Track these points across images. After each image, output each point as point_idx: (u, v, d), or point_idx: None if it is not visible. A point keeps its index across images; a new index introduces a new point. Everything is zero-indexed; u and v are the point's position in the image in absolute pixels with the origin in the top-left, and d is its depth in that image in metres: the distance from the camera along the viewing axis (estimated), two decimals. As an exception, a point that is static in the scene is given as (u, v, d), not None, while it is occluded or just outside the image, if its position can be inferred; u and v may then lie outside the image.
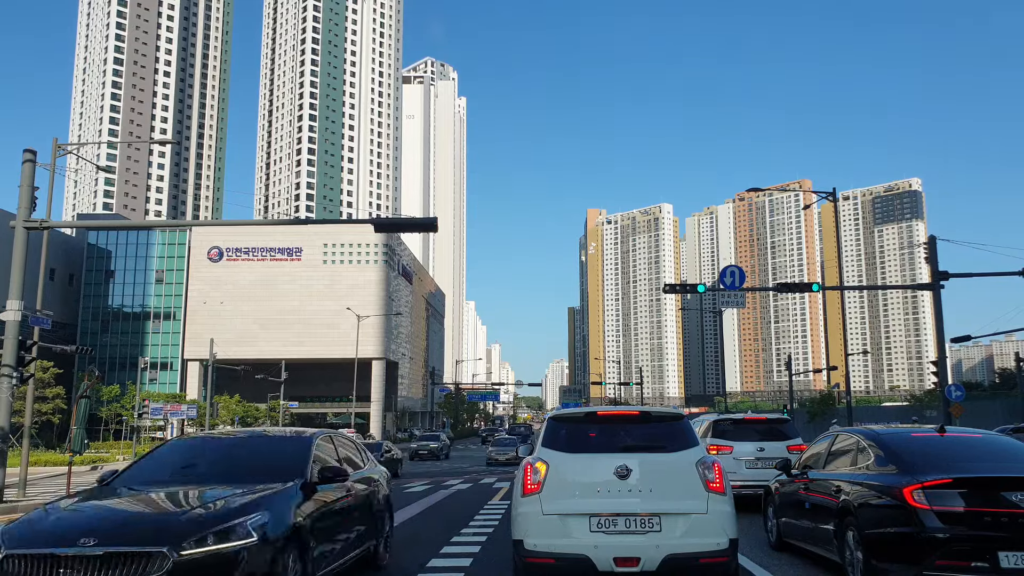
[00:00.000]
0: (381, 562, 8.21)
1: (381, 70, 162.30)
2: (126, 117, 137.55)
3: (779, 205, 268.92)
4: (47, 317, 20.84)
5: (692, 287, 27.05)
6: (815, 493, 7.93)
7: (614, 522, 6.06)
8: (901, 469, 6.50)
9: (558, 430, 6.75)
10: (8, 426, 17.14)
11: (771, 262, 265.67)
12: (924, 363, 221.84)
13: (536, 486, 6.30)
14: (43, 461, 34.23)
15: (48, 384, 49.86)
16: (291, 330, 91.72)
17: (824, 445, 8.46)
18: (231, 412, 69.64)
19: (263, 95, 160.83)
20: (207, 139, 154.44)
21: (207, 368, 67.67)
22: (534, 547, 6.14)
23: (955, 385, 28.18)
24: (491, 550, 9.40)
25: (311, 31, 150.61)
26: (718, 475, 6.29)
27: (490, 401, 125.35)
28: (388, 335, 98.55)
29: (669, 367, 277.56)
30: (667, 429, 6.70)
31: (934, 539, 5.86)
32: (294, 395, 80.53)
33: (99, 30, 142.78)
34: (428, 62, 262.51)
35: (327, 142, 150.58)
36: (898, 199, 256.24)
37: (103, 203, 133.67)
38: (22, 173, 18.12)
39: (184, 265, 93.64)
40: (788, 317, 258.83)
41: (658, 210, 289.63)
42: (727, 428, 13.34)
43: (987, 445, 7.05)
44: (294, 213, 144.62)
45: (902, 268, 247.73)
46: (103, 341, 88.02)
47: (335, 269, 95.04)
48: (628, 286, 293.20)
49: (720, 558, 6.07)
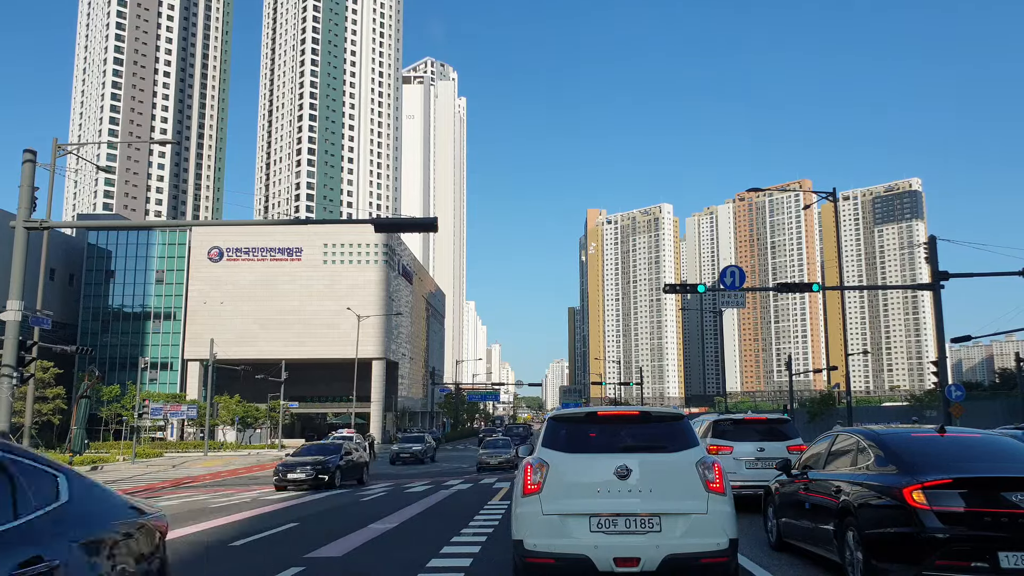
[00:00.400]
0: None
1: (381, 70, 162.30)
2: (126, 117, 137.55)
3: (779, 205, 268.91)
4: (47, 317, 20.85)
5: (692, 287, 27.05)
6: (815, 493, 7.93)
7: (614, 522, 6.06)
8: (901, 469, 6.50)
9: (558, 430, 6.76)
10: (8, 426, 17.14)
11: (771, 262, 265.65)
12: (924, 363, 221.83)
13: (536, 486, 6.31)
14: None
15: (48, 384, 49.80)
16: (291, 330, 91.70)
17: (824, 445, 8.46)
18: (231, 412, 69.59)
19: (263, 95, 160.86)
20: (207, 139, 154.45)
21: (207, 368, 67.66)
22: (534, 547, 6.14)
23: (955, 385, 28.17)
24: (491, 550, 9.40)
25: (311, 31, 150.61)
26: (718, 475, 6.30)
27: (490, 401, 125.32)
28: (388, 335, 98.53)
29: (669, 367, 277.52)
30: (667, 429, 6.71)
31: (934, 539, 5.86)
32: (294, 395, 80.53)
33: (99, 30, 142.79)
34: (428, 62, 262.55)
35: (327, 142, 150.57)
36: (898, 199, 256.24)
37: (103, 203, 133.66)
38: (22, 173, 18.12)
39: (184, 265, 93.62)
40: (788, 317, 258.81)
41: (658, 210, 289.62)
42: (727, 428, 13.34)
43: (987, 445, 7.05)
44: (294, 213, 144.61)
45: (902, 268, 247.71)
46: (103, 341, 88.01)
47: (335, 269, 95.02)
48: (628, 286, 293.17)
49: (720, 558, 6.08)
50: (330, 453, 24.12)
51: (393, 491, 20.79)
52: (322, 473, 22.72)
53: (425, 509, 15.23)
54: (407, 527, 12.25)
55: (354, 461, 25.07)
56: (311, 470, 22.66)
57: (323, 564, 8.84)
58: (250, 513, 15.19)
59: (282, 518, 14.01)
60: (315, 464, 22.96)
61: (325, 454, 23.95)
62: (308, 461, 23.21)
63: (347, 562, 9.03)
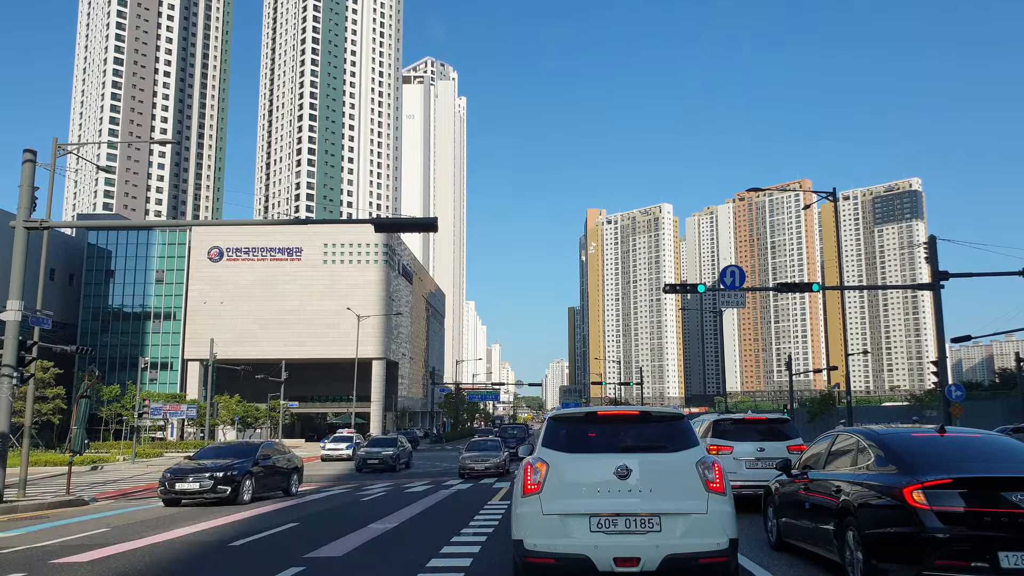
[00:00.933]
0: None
1: (381, 70, 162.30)
2: (126, 117, 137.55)
3: (779, 205, 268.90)
4: (47, 317, 20.84)
5: (692, 287, 27.02)
6: (815, 493, 7.92)
7: (614, 522, 6.06)
8: (901, 469, 6.50)
9: (558, 430, 6.76)
10: (8, 426, 17.14)
11: (771, 262, 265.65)
12: (924, 363, 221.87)
13: (536, 486, 6.31)
14: (43, 461, 34.25)
15: (48, 384, 49.84)
16: (291, 330, 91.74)
17: (824, 445, 8.46)
18: (231, 412, 69.61)
19: (263, 95, 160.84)
20: (207, 139, 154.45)
21: (207, 368, 67.66)
22: (534, 547, 6.14)
23: (955, 385, 28.15)
24: (491, 550, 9.40)
25: (311, 31, 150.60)
26: (718, 475, 6.30)
27: (490, 401, 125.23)
28: (388, 335, 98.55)
29: (669, 367, 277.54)
30: (667, 429, 6.71)
31: (934, 539, 5.85)
32: (294, 395, 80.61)
33: (99, 30, 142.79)
34: (428, 62, 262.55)
35: (327, 142, 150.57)
36: (898, 199, 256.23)
37: (103, 203, 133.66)
38: (22, 173, 18.12)
39: (184, 265, 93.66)
40: (788, 317, 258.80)
41: (658, 210, 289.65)
42: (727, 428, 13.34)
43: (987, 445, 7.05)
44: (294, 213, 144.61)
45: (902, 268, 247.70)
46: (103, 341, 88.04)
47: (335, 269, 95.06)
48: (628, 286, 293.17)
49: (720, 558, 6.08)
50: (240, 456, 18.69)
51: (393, 491, 20.81)
52: (223, 483, 17.24)
53: (425, 509, 15.24)
54: (407, 527, 12.26)
55: (276, 467, 19.63)
56: (209, 479, 17.20)
57: (323, 564, 8.84)
58: (250, 513, 15.20)
59: (282, 518, 14.02)
60: (216, 471, 17.48)
61: (232, 457, 18.62)
62: (207, 467, 17.73)
63: (347, 562, 9.03)
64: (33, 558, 9.66)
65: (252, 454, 18.82)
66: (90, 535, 11.92)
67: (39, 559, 9.56)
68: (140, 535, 11.78)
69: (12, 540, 11.57)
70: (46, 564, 9.16)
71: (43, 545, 10.88)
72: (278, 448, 20.89)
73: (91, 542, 11.02)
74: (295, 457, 21.51)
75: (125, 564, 9.12)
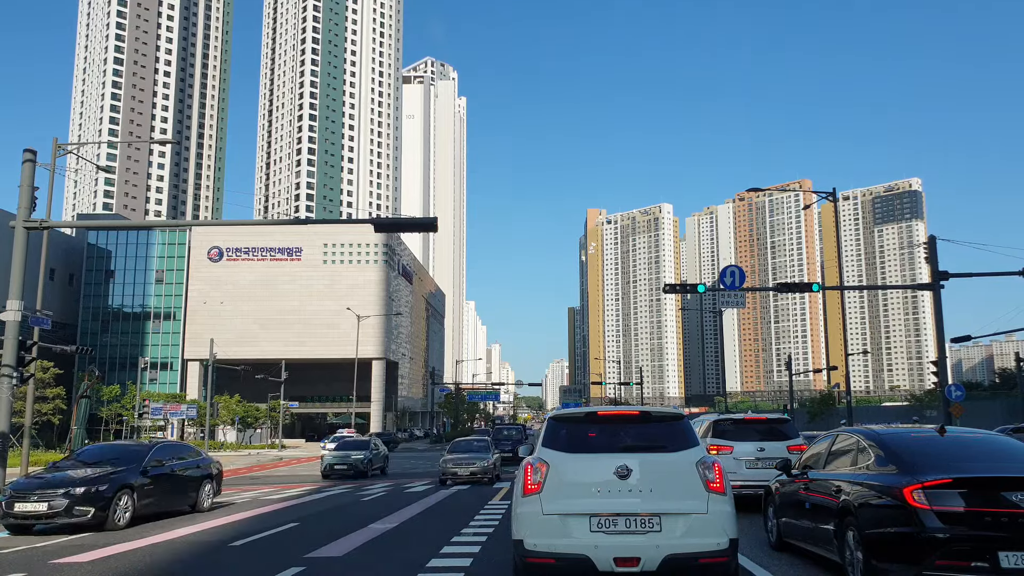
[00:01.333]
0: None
1: (381, 70, 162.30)
2: (126, 117, 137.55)
3: (779, 205, 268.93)
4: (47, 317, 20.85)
5: (692, 287, 27.01)
6: (815, 493, 7.92)
7: (614, 522, 6.06)
8: (901, 469, 6.50)
9: (558, 430, 6.76)
10: (8, 426, 17.15)
11: (771, 262, 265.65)
12: (924, 363, 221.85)
13: (536, 486, 6.32)
14: (43, 461, 34.12)
15: (48, 384, 49.84)
16: (291, 330, 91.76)
17: (824, 445, 8.46)
18: (231, 412, 69.59)
19: (263, 95, 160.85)
20: (207, 139, 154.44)
21: (207, 368, 67.67)
22: (534, 547, 6.14)
23: (955, 385, 28.15)
24: (491, 550, 9.40)
25: (311, 31, 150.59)
26: (718, 475, 6.30)
27: (490, 401, 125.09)
28: (388, 335, 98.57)
29: (669, 367, 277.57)
30: (667, 429, 6.71)
31: (934, 539, 5.85)
32: (294, 395, 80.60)
33: (99, 30, 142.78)
34: (428, 62, 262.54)
35: (327, 142, 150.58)
36: (898, 199, 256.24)
37: (103, 203, 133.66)
38: (22, 173, 18.12)
39: (184, 265, 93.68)
40: (788, 317, 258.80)
41: (658, 210, 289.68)
42: (727, 428, 13.34)
43: (987, 445, 7.05)
44: (294, 213, 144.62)
45: (902, 268, 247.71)
46: (103, 341, 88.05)
47: (335, 269, 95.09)
48: (628, 286, 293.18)
49: (720, 558, 6.08)
50: (122, 462, 13.70)
51: (393, 491, 20.81)
52: (83, 503, 12.23)
53: (425, 509, 15.25)
54: (407, 527, 12.26)
55: (175, 475, 14.82)
56: (63, 498, 12.18)
57: (323, 564, 8.84)
58: (250, 513, 15.19)
59: (282, 518, 14.01)
60: (76, 485, 12.50)
61: (111, 463, 13.62)
62: (65, 479, 12.77)
63: (347, 562, 9.03)
64: (33, 558, 9.67)
65: (139, 460, 13.87)
66: (90, 535, 11.92)
67: (39, 559, 9.57)
68: (140, 535, 11.78)
69: (12, 540, 11.58)
70: (46, 564, 9.17)
71: (43, 545, 10.88)
72: (183, 450, 15.98)
73: (91, 542, 11.03)
74: (209, 460, 16.57)
75: (125, 564, 9.12)
